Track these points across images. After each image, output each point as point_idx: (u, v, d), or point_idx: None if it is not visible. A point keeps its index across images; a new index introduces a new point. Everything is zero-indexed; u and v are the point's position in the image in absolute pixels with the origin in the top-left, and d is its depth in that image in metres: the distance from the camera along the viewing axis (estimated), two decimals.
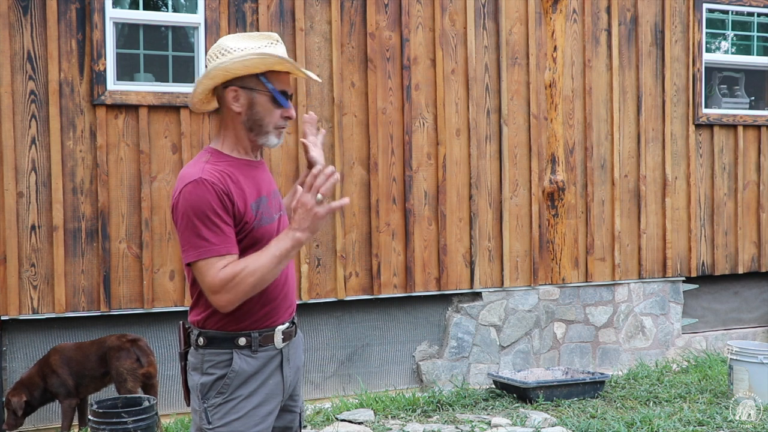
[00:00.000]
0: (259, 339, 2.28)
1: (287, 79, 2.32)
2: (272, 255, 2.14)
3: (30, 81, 4.80)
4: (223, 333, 2.26)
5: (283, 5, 5.35)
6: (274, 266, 2.15)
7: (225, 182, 2.19)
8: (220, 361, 2.27)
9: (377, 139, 5.58)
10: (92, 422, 4.03)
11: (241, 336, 2.26)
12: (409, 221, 5.67)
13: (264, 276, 2.15)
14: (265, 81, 2.26)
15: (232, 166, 2.26)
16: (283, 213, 2.41)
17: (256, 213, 2.25)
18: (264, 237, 2.25)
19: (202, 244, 2.14)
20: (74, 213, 4.90)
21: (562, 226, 6.16)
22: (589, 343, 6.30)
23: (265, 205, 2.30)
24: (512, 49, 6.00)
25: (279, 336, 2.32)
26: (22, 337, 4.87)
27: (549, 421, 4.85)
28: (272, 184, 2.40)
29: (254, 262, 2.14)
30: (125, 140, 5.00)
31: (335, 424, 4.78)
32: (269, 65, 2.25)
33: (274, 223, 2.32)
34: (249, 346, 2.27)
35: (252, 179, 2.29)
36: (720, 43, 7.11)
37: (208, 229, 2.14)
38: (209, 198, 2.15)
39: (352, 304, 5.62)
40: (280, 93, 2.28)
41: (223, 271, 2.13)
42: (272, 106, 2.28)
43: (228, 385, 2.26)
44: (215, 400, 2.26)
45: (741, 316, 7.03)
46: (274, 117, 2.29)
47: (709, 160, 6.70)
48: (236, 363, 2.26)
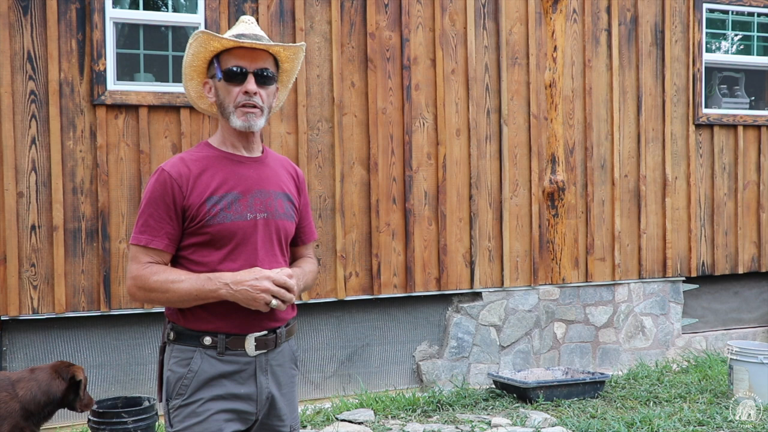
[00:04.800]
0: (226, 342, 2.19)
1: (245, 55, 2.23)
2: (192, 287, 2.13)
3: (30, 81, 4.80)
4: (190, 330, 2.21)
5: (283, 5, 5.35)
6: (186, 299, 2.15)
7: (185, 175, 2.19)
8: (183, 358, 2.20)
9: (377, 139, 5.58)
10: (92, 422, 4.03)
11: (207, 335, 2.19)
12: (409, 221, 5.67)
13: (171, 301, 2.17)
14: (217, 63, 2.24)
15: (210, 158, 2.24)
16: (271, 216, 2.27)
17: (211, 208, 2.18)
18: (224, 234, 2.18)
19: (141, 229, 2.19)
20: (74, 213, 4.90)
21: (562, 226, 6.16)
22: (589, 343, 6.30)
23: (235, 202, 2.21)
24: (512, 49, 6.00)
25: (251, 342, 2.21)
26: (22, 337, 4.87)
27: (549, 421, 4.85)
28: (264, 184, 2.29)
29: (174, 283, 2.13)
30: (125, 140, 5.00)
31: (335, 424, 4.78)
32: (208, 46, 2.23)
33: (245, 221, 2.21)
34: (215, 347, 2.19)
35: (231, 174, 2.23)
36: (720, 43, 7.11)
37: (152, 218, 2.18)
38: (162, 190, 2.18)
39: (352, 304, 5.62)
40: (229, 70, 2.22)
41: (147, 268, 2.17)
42: (227, 85, 2.23)
43: (186, 386, 2.18)
44: (175, 401, 2.20)
45: (741, 316, 7.03)
46: (233, 96, 2.22)
47: (709, 160, 6.70)
48: (195, 362, 2.19)
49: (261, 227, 2.24)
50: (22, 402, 3.51)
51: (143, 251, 2.19)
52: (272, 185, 2.30)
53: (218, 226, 2.18)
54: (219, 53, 2.25)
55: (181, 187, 2.18)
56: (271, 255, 2.27)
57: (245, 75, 2.22)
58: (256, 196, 2.25)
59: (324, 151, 5.46)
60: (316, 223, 5.41)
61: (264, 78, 2.25)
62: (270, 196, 2.28)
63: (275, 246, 2.29)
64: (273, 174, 2.33)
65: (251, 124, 2.23)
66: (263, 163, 2.33)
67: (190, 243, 2.21)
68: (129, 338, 5.08)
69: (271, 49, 2.27)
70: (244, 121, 2.22)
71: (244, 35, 2.23)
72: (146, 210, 2.20)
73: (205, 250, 2.19)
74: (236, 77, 2.22)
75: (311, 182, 5.42)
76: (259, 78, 2.24)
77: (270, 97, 2.29)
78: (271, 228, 2.27)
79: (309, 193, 5.38)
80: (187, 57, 2.28)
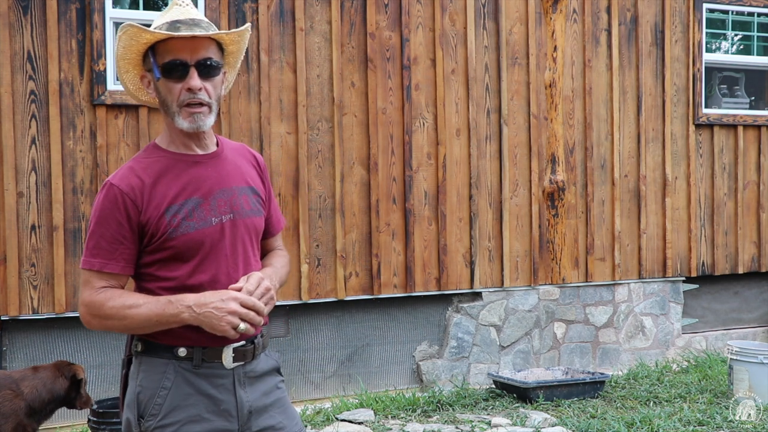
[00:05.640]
0: (203, 353, 1.99)
1: (183, 45, 1.96)
2: (152, 312, 1.91)
3: (30, 81, 4.80)
4: (160, 343, 2.00)
5: (283, 5, 5.35)
6: (145, 326, 1.93)
7: (137, 187, 1.97)
8: (155, 372, 1.99)
9: (377, 139, 5.58)
10: (92, 422, 4.03)
11: (181, 347, 1.98)
12: (409, 221, 5.67)
13: (130, 328, 1.96)
14: (152, 56, 1.98)
15: (162, 162, 2.01)
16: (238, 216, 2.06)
17: (171, 219, 1.96)
18: (189, 246, 1.98)
19: (92, 252, 1.97)
20: (74, 213, 4.90)
21: (562, 226, 6.16)
22: (589, 343, 6.30)
23: (196, 208, 2.00)
24: (512, 49, 6.00)
25: (228, 354, 2.01)
26: (22, 337, 4.87)
27: (549, 421, 4.85)
28: (226, 182, 2.07)
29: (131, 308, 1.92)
30: (125, 140, 5.00)
31: (335, 424, 4.78)
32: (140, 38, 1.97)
33: (210, 227, 2.01)
34: (190, 359, 1.99)
35: (187, 178, 2.01)
36: (720, 43, 7.11)
37: (104, 239, 1.96)
38: (112, 207, 1.96)
39: (352, 304, 5.62)
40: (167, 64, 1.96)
41: (101, 293, 1.95)
42: (167, 81, 1.97)
43: (160, 405, 1.97)
44: (149, 423, 1.97)
45: (741, 316, 7.03)
46: (174, 93, 1.97)
47: (709, 160, 6.70)
48: (168, 377, 1.98)
49: (228, 230, 2.03)
50: (27, 400, 3.56)
51: (96, 276, 1.96)
52: (234, 181, 2.08)
53: (182, 238, 1.96)
54: (153, 44, 1.98)
55: (134, 202, 1.95)
56: (243, 259, 2.07)
57: (186, 68, 1.96)
58: (219, 197, 2.03)
59: (324, 151, 5.46)
60: (316, 223, 5.41)
61: (208, 68, 1.99)
62: (233, 193, 2.06)
63: (247, 247, 2.09)
64: (233, 168, 2.10)
65: (199, 124, 1.99)
66: (221, 157, 2.09)
67: (153, 260, 2.00)
68: None
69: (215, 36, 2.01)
70: (191, 123, 1.98)
71: (179, 21, 1.96)
72: (96, 230, 1.96)
73: (171, 264, 1.98)
74: (176, 72, 1.96)
75: (311, 182, 5.42)
76: (203, 69, 1.98)
77: (217, 89, 2.03)
78: (240, 229, 2.06)
79: (309, 192, 5.39)
80: (118, 50, 2.01)
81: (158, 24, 1.99)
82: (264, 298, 1.98)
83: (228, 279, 2.02)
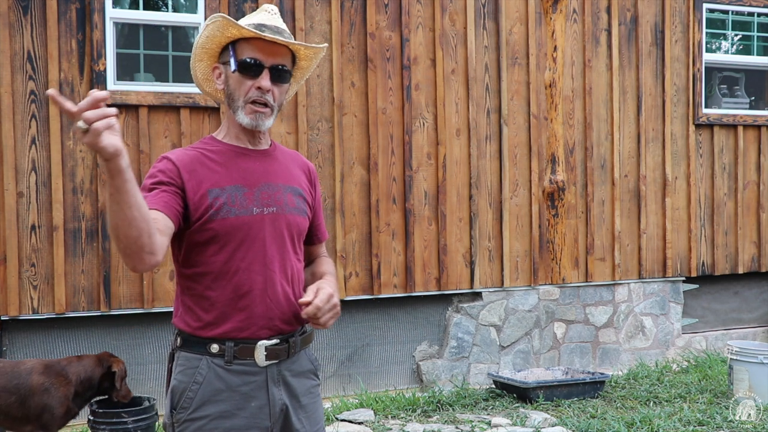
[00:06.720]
0: (235, 350, 2.03)
1: (263, 47, 2.06)
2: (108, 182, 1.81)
3: (30, 81, 4.80)
4: (196, 337, 2.05)
5: (283, 5, 5.35)
6: (111, 205, 1.77)
7: (188, 162, 2.04)
8: (189, 366, 2.04)
9: (377, 139, 5.58)
10: (92, 422, 4.03)
11: (214, 342, 2.03)
12: (409, 221, 5.67)
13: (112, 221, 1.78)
14: (232, 50, 2.07)
15: (214, 151, 2.10)
16: (280, 211, 2.11)
17: (213, 201, 2.02)
18: (228, 230, 2.02)
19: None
20: (74, 213, 4.90)
21: (562, 226, 6.16)
22: (589, 343, 6.30)
23: (239, 195, 2.05)
24: (512, 49, 6.00)
25: (261, 352, 2.05)
26: (22, 337, 4.87)
27: (549, 421, 4.85)
28: (272, 177, 2.13)
29: None
30: (125, 140, 5.00)
31: (335, 424, 4.78)
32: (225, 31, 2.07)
33: (250, 216, 2.05)
34: (222, 356, 2.02)
35: (235, 166, 2.08)
36: (720, 43, 7.11)
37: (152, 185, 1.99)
38: (164, 167, 2.03)
39: (352, 304, 5.62)
40: (245, 61, 2.05)
41: None
42: (241, 77, 2.06)
43: (191, 399, 2.02)
44: (180, 415, 2.03)
45: (741, 316, 7.03)
46: (244, 89, 2.06)
47: (709, 160, 6.70)
48: (201, 372, 2.03)
49: (269, 222, 2.07)
50: (75, 384, 3.87)
51: None
52: (280, 179, 2.14)
53: (222, 222, 2.01)
54: (235, 40, 2.08)
55: (183, 171, 2.02)
56: (282, 252, 2.10)
57: (261, 69, 2.05)
58: (263, 190, 2.08)
59: (324, 151, 5.46)
60: None
61: (280, 74, 2.08)
62: (278, 189, 2.12)
63: (287, 242, 2.11)
64: (281, 168, 2.17)
65: (259, 123, 2.08)
66: (271, 155, 2.17)
67: (194, 242, 2.04)
68: (129, 338, 5.08)
69: (292, 46, 2.11)
70: (252, 120, 2.07)
71: (265, 26, 2.06)
72: (148, 180, 2.03)
73: (209, 248, 2.03)
74: (251, 70, 2.05)
75: None
76: (275, 74, 2.07)
77: (282, 95, 2.12)
78: (281, 223, 2.10)
79: None
80: (200, 38, 2.11)
81: (245, 24, 2.08)
82: (332, 312, 2.06)
83: (264, 269, 2.06)
